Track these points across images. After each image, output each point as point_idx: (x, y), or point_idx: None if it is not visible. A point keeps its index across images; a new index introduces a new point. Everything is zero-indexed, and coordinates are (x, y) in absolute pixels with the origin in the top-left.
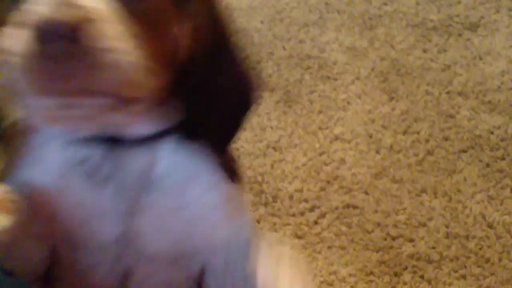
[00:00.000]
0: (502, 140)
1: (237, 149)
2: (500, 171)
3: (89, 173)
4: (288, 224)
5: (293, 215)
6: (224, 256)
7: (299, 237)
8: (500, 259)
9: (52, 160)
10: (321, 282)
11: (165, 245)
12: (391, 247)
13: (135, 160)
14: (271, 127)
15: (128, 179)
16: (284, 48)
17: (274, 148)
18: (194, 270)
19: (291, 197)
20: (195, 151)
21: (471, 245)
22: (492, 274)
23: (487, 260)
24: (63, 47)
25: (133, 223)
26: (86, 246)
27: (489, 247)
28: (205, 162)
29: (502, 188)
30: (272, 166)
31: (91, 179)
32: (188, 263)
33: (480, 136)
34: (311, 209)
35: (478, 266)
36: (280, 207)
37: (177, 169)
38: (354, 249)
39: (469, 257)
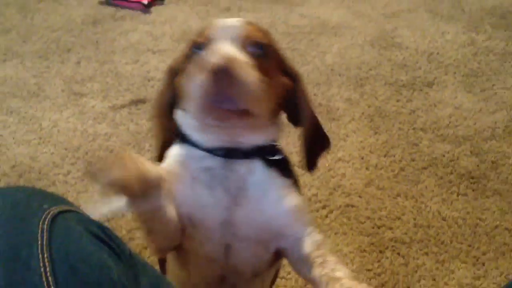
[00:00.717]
0: (450, 160)
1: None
2: (450, 181)
3: (210, 177)
4: None
5: (311, 211)
6: (293, 235)
7: (316, 227)
8: (451, 241)
9: (190, 171)
10: None
11: (252, 231)
12: (377, 233)
13: (239, 169)
14: (296, 152)
15: (232, 183)
16: None
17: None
18: (272, 248)
19: (309, 199)
20: (274, 169)
21: (431, 232)
22: (445, 252)
23: (442, 242)
24: (224, 79)
25: (232, 214)
26: (201, 227)
27: (443, 233)
28: (279, 177)
29: (451, 193)
30: (298, 177)
31: (210, 181)
32: (267, 244)
33: (435, 158)
34: (323, 207)
35: (436, 246)
36: None
37: (263, 181)
38: (352, 235)
39: (430, 240)
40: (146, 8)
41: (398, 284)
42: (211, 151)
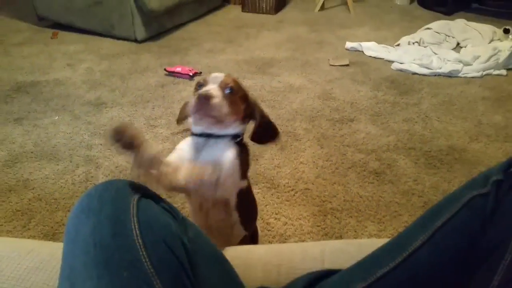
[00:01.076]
0: (364, 163)
1: (275, 168)
2: (364, 175)
3: (198, 148)
4: (282, 196)
5: (284, 192)
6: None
7: (287, 201)
8: (365, 209)
9: (190, 143)
10: (296, 219)
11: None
12: (323, 205)
13: (211, 143)
14: (276, 158)
15: (205, 148)
16: (281, 128)
17: (278, 166)
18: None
19: (284, 185)
20: (236, 144)
21: (353, 204)
22: (361, 216)
23: (360, 210)
24: (205, 101)
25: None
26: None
27: (360, 205)
28: (231, 146)
29: (364, 182)
30: (277, 173)
31: (198, 149)
32: (215, 176)
33: (355, 162)
34: (292, 190)
35: (356, 212)
36: (280, 189)
37: (220, 146)
38: (308, 206)
39: (353, 209)
40: (191, 78)
41: (335, 234)
42: (200, 135)
